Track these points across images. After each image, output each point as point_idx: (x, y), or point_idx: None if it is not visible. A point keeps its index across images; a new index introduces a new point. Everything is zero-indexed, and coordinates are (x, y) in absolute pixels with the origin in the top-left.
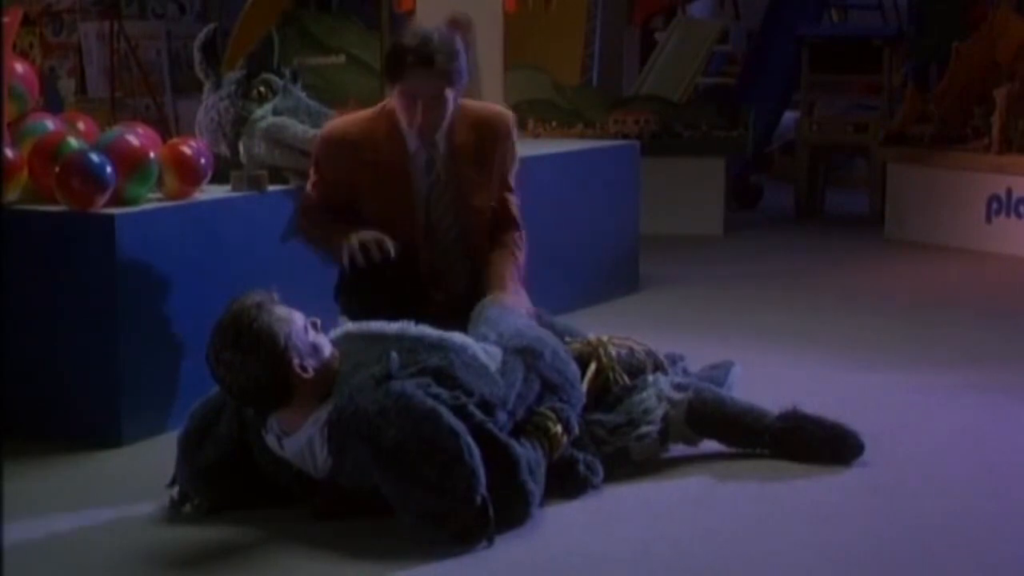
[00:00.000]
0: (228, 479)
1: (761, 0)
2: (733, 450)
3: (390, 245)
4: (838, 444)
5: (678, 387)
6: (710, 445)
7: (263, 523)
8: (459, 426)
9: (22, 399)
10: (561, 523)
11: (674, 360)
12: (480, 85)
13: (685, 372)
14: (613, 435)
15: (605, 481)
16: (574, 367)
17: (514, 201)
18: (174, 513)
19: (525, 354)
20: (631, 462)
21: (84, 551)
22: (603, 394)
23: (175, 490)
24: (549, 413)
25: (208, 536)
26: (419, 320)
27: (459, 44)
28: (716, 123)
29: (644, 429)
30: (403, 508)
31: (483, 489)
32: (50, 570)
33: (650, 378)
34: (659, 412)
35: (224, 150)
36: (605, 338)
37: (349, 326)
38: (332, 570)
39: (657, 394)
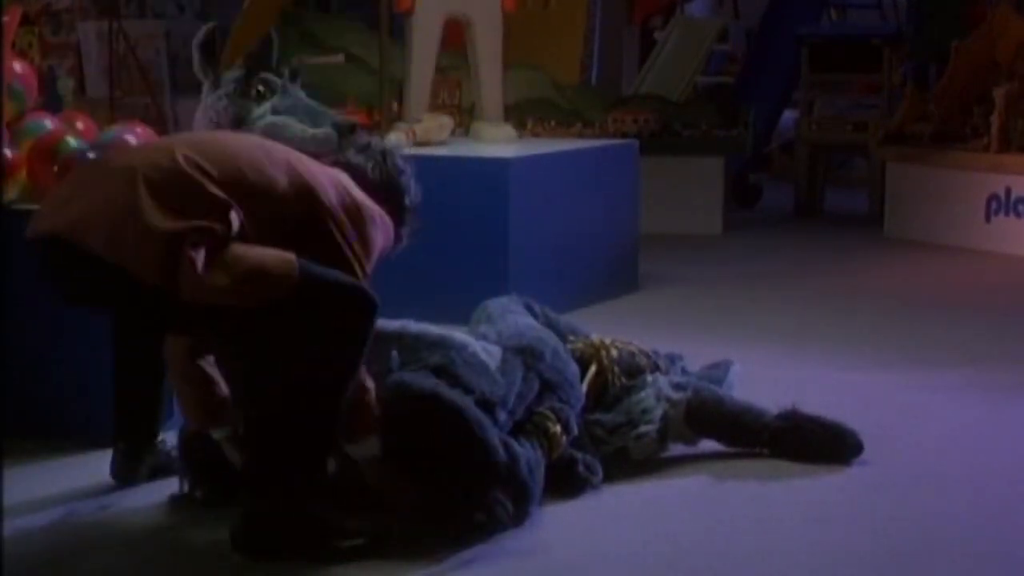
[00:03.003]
0: (232, 474)
1: None
2: (732, 450)
3: None
4: (837, 443)
5: (677, 386)
6: (709, 445)
7: None
8: (462, 400)
9: (22, 398)
10: (561, 523)
11: (673, 360)
12: (480, 84)
13: (684, 372)
14: (612, 435)
15: (604, 481)
16: (574, 367)
17: None
18: (174, 512)
19: (525, 354)
20: (630, 462)
21: (83, 550)
22: (602, 394)
23: (182, 483)
24: (548, 413)
25: (209, 536)
26: None
27: None
28: (715, 122)
29: (643, 429)
30: (412, 495)
31: (498, 456)
32: (50, 569)
33: (649, 378)
34: (658, 411)
35: None
36: (608, 340)
37: None
38: (332, 570)
39: (656, 393)
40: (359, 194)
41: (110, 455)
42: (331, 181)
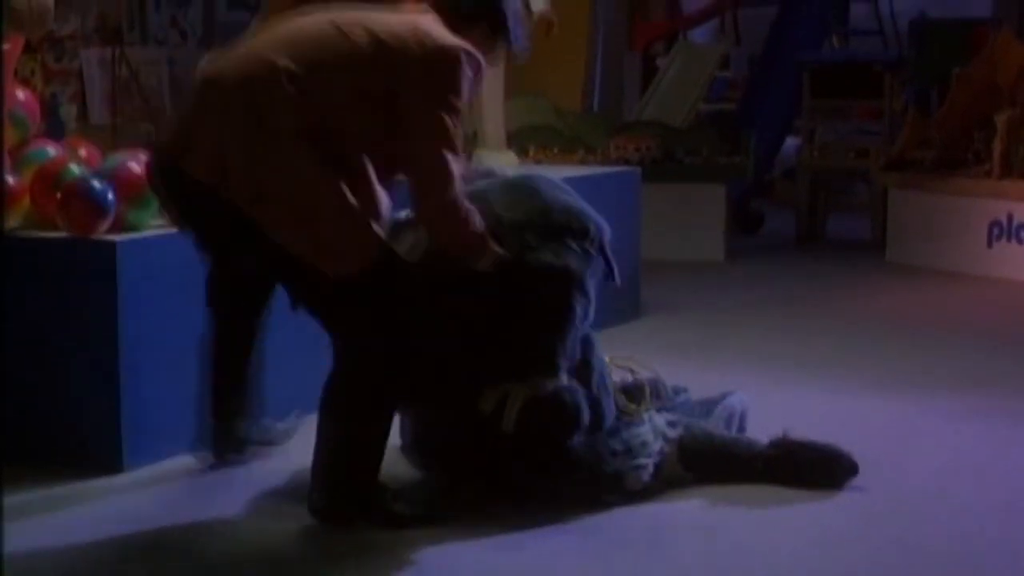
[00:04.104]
0: None
1: (762, 26)
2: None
3: None
4: (831, 465)
5: (671, 424)
6: None
7: (270, 552)
8: None
9: (24, 425)
10: (561, 548)
11: (678, 392)
12: (481, 111)
13: (687, 403)
14: (613, 458)
15: (602, 508)
16: (611, 404)
17: None
18: (177, 541)
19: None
20: (625, 492)
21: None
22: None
23: None
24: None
25: (213, 564)
26: None
27: None
28: (717, 149)
29: (641, 460)
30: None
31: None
32: None
33: (645, 415)
34: (656, 447)
35: None
36: (607, 358)
37: None
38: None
39: (653, 429)
40: (441, 35)
41: (112, 482)
42: (409, 31)
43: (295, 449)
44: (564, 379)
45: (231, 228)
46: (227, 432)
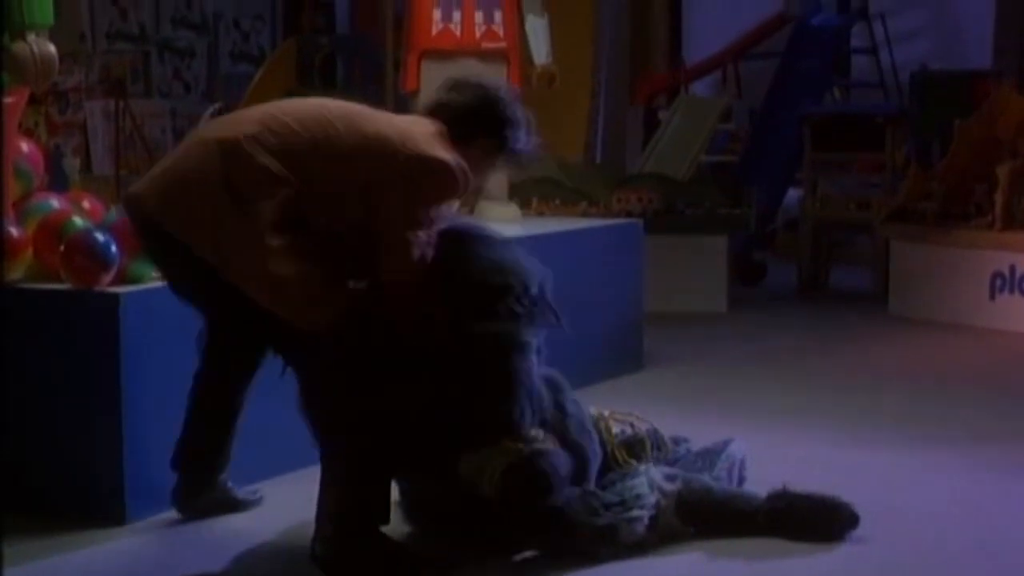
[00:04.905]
0: None
1: (764, 78)
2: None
3: None
4: (831, 517)
5: (668, 477)
6: None
7: None
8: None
9: (26, 477)
10: None
11: (678, 442)
12: None
13: (688, 452)
14: (607, 510)
15: (595, 561)
16: (596, 447)
17: None
18: None
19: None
20: (619, 544)
21: None
22: (601, 471)
23: None
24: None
25: None
26: None
27: None
28: (719, 201)
29: (635, 513)
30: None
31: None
32: None
33: (642, 467)
34: (651, 499)
35: None
36: (607, 413)
37: None
38: None
39: (649, 482)
40: (426, 145)
41: (114, 535)
42: (397, 134)
43: (297, 500)
44: (540, 437)
45: (207, 282)
46: (194, 490)
